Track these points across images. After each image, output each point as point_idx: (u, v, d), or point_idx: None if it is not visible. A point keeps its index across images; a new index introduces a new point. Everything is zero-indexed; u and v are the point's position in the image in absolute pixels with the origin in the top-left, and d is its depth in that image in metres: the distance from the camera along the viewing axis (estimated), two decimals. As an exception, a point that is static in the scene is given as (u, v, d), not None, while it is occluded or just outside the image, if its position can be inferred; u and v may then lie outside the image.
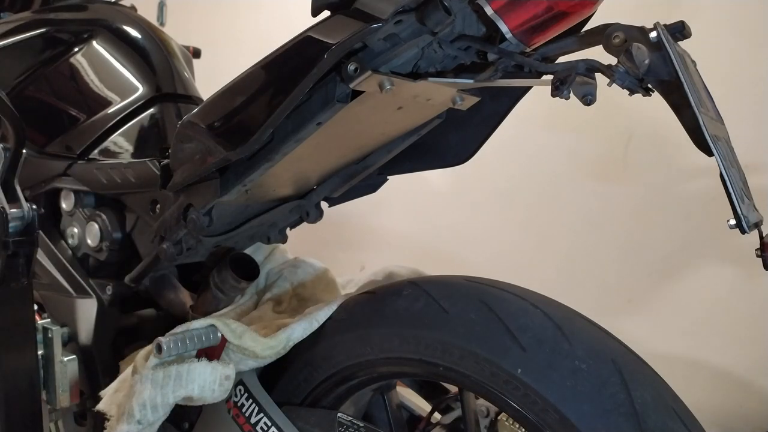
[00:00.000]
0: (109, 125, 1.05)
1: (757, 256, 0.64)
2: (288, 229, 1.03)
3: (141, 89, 1.07)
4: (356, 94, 0.69)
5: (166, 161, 0.89)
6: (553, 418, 0.63)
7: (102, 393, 0.86)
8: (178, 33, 1.30)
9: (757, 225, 0.64)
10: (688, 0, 1.45)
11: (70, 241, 1.07)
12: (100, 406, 0.83)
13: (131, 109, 1.05)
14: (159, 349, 0.77)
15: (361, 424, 0.79)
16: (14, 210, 0.87)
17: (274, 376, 0.86)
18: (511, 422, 0.88)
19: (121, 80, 1.09)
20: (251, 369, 0.83)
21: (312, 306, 0.88)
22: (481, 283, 0.76)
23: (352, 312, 0.82)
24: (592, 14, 0.70)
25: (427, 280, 0.80)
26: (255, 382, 0.84)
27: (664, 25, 0.63)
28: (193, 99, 1.13)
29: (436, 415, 0.95)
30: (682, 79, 0.60)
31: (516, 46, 0.69)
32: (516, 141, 1.68)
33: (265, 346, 0.80)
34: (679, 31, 0.65)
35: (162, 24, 1.40)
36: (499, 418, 0.89)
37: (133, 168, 0.94)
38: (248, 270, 0.95)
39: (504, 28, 0.66)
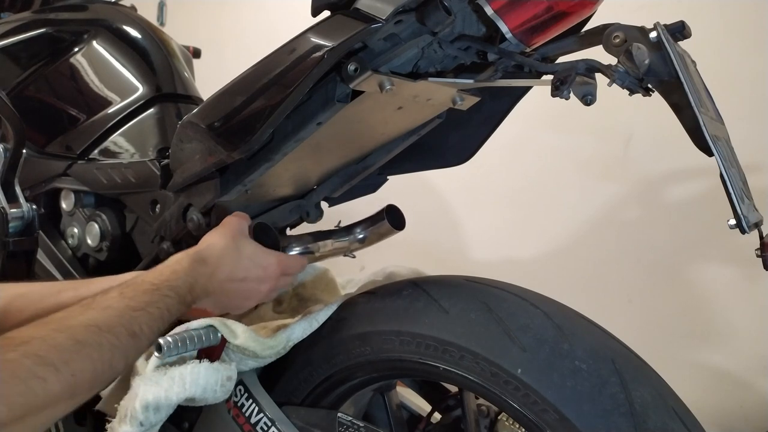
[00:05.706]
0: (109, 125, 1.05)
1: (757, 256, 0.64)
2: (288, 229, 1.03)
3: (141, 89, 1.07)
4: (356, 94, 0.69)
5: (166, 161, 0.89)
6: (553, 418, 0.63)
7: (102, 393, 0.85)
8: (178, 33, 1.30)
9: (757, 225, 0.64)
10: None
11: (70, 241, 1.07)
12: (100, 406, 0.83)
13: (131, 109, 1.05)
14: (159, 348, 0.76)
15: (361, 424, 0.79)
16: (14, 210, 0.87)
17: (274, 376, 0.86)
18: (511, 422, 0.88)
19: (121, 80, 1.09)
20: (251, 369, 0.83)
21: (312, 306, 0.88)
22: (481, 283, 0.76)
23: (352, 312, 0.82)
24: (592, 14, 0.70)
25: (427, 280, 0.80)
26: (255, 382, 0.84)
27: (664, 25, 0.63)
28: (193, 99, 1.13)
29: (436, 415, 0.95)
30: (682, 79, 0.60)
31: (516, 46, 0.69)
32: (516, 141, 1.68)
33: (265, 346, 0.80)
34: (679, 31, 0.65)
35: (162, 24, 1.40)
36: (499, 418, 0.89)
37: (133, 168, 0.94)
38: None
39: (504, 28, 0.66)
